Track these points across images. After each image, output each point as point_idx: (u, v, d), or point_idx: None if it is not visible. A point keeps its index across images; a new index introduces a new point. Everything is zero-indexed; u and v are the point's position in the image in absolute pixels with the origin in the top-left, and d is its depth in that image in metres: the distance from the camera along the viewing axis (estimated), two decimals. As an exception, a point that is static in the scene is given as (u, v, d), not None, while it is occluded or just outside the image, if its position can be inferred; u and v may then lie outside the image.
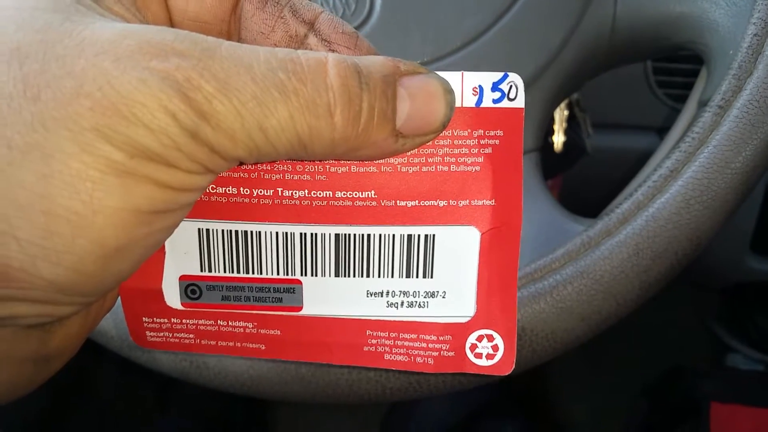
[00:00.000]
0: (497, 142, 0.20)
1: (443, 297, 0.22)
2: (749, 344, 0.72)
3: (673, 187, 0.29)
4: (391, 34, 0.34)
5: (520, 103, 0.20)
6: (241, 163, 0.18)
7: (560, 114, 0.47)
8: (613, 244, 0.29)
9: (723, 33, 0.32)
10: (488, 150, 0.20)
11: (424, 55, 0.34)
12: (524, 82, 0.20)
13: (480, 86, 0.20)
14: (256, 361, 0.29)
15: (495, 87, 0.20)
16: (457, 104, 0.20)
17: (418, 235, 0.21)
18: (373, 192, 0.21)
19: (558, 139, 0.48)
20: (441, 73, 0.19)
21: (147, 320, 0.22)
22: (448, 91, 0.19)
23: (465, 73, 0.19)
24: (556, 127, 0.47)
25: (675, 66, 0.50)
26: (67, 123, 0.15)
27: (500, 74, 0.20)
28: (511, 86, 0.20)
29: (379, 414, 0.79)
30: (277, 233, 0.21)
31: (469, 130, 0.20)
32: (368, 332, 0.22)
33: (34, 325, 0.18)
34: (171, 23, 0.20)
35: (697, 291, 0.84)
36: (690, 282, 0.71)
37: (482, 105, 0.20)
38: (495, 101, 0.20)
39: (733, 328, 0.74)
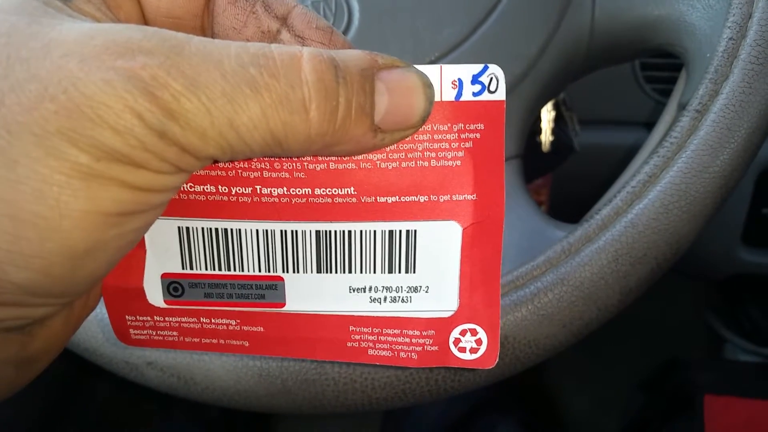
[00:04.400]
0: (478, 135, 0.20)
1: (426, 292, 0.22)
2: (743, 336, 0.72)
3: (652, 193, 0.29)
4: (369, 45, 0.34)
5: (501, 95, 0.19)
6: (216, 161, 0.18)
7: (547, 114, 0.47)
8: (593, 250, 0.29)
9: (700, 36, 0.32)
10: (469, 144, 0.20)
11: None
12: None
13: (459, 79, 0.19)
14: (243, 375, 0.30)
15: (475, 80, 0.19)
16: (437, 98, 0.19)
17: (400, 231, 0.21)
18: (352, 188, 0.20)
19: (546, 139, 0.48)
20: (420, 67, 0.19)
21: (130, 318, 0.22)
22: (427, 85, 0.18)
23: (444, 66, 0.19)
24: (543, 126, 0.47)
25: (662, 61, 0.50)
26: (31, 127, 0.14)
27: (480, 66, 0.19)
28: (491, 78, 0.19)
29: (379, 413, 0.79)
30: (257, 231, 0.21)
31: (449, 125, 0.20)
32: (351, 328, 0.22)
33: (11, 328, 0.18)
34: (144, 20, 0.20)
35: (694, 283, 0.84)
36: (687, 274, 0.71)
37: (462, 98, 0.19)
38: (475, 94, 0.19)
39: (727, 320, 0.75)
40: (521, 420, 0.67)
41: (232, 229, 0.21)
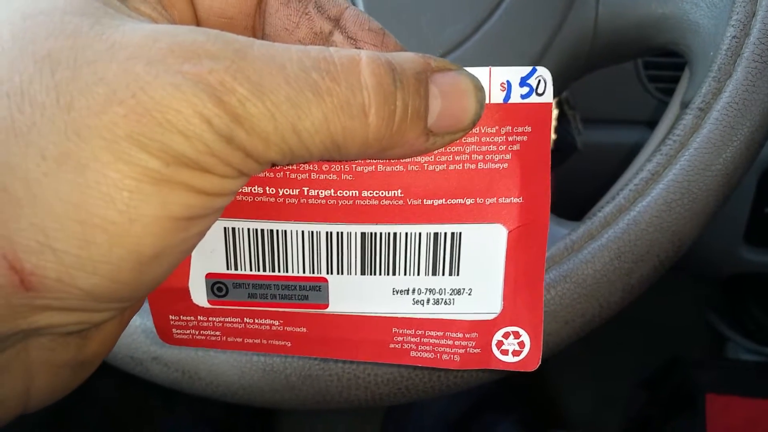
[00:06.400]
0: (525, 138, 0.20)
1: (469, 294, 0.22)
2: (745, 335, 0.72)
3: (655, 190, 0.29)
4: (374, 43, 0.34)
5: (548, 97, 0.19)
6: (274, 165, 0.18)
7: (550, 112, 0.47)
8: (596, 247, 0.29)
9: (703, 34, 0.32)
10: (516, 147, 0.20)
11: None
12: None
13: (508, 81, 0.19)
14: (247, 371, 0.30)
15: (523, 82, 0.19)
16: (486, 101, 0.19)
17: (445, 233, 0.21)
18: (399, 191, 0.20)
19: (548, 137, 0.48)
20: (470, 69, 0.19)
21: (174, 318, 0.22)
22: (479, 89, 0.18)
23: (493, 68, 0.19)
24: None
25: (665, 60, 0.50)
26: (101, 131, 0.14)
27: (528, 69, 0.19)
28: (539, 81, 0.19)
29: (381, 410, 0.79)
30: (303, 232, 0.21)
31: (497, 127, 0.20)
32: (394, 330, 0.22)
33: (71, 333, 0.18)
34: (197, 20, 0.20)
35: (697, 282, 0.84)
36: (689, 273, 0.71)
37: (510, 101, 0.19)
38: (523, 96, 0.19)
39: (729, 319, 0.75)
40: (523, 418, 0.67)
41: (277, 230, 0.21)
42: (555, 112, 0.47)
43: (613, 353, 0.88)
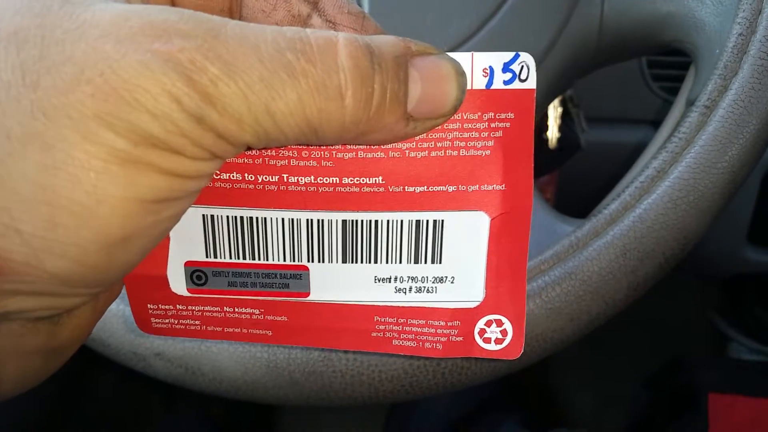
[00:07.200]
0: (508, 125, 0.19)
1: (452, 282, 0.22)
2: (748, 335, 0.72)
3: (660, 188, 0.29)
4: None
5: (531, 83, 0.19)
6: (249, 149, 0.18)
7: (554, 111, 0.47)
8: (601, 245, 0.29)
9: (709, 32, 0.32)
10: (499, 133, 0.20)
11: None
12: None
13: (490, 67, 0.19)
14: (251, 367, 0.30)
15: (506, 68, 0.19)
16: (468, 86, 0.19)
17: (427, 221, 0.21)
18: (380, 178, 0.20)
19: (552, 136, 0.48)
20: (451, 54, 0.18)
21: (152, 307, 0.22)
22: (460, 73, 0.18)
23: (475, 53, 0.19)
24: (549, 123, 0.47)
25: (670, 59, 0.50)
26: (68, 111, 0.14)
27: (511, 54, 0.19)
28: (522, 66, 0.19)
29: (383, 410, 0.79)
30: (283, 219, 0.21)
31: (479, 113, 0.19)
32: (376, 318, 0.22)
33: (42, 318, 0.18)
34: (173, 2, 0.19)
35: (699, 282, 0.84)
36: (692, 273, 0.71)
37: (493, 87, 0.19)
38: (506, 82, 0.19)
39: (732, 319, 0.75)
40: (525, 418, 0.67)
41: (257, 218, 0.21)
42: (559, 110, 0.47)
43: (615, 353, 0.88)
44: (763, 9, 0.29)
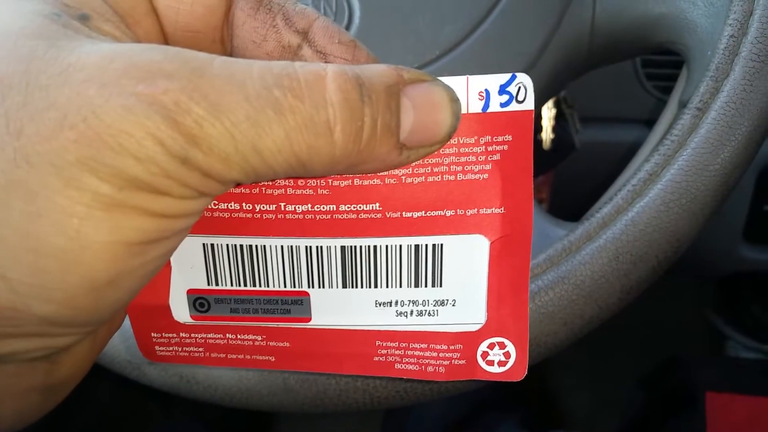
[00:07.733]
0: (506, 147, 0.19)
1: (453, 305, 0.22)
2: (745, 333, 0.72)
3: (653, 191, 0.29)
4: (370, 43, 0.34)
5: (529, 104, 0.19)
6: (239, 184, 0.18)
7: (548, 112, 0.47)
8: (594, 248, 0.29)
9: (701, 33, 0.32)
10: (496, 156, 0.19)
11: (404, 64, 0.34)
12: None
13: (486, 90, 0.19)
14: (245, 374, 0.30)
15: (502, 90, 0.19)
16: (463, 110, 0.19)
17: (426, 245, 0.21)
18: (377, 204, 0.20)
19: (546, 137, 0.48)
20: (445, 79, 0.18)
21: (155, 335, 0.22)
22: (454, 100, 0.18)
23: (470, 77, 0.18)
24: (544, 124, 0.47)
25: (663, 59, 0.50)
26: (51, 157, 0.14)
27: (508, 76, 0.18)
28: (519, 87, 0.19)
29: (379, 416, 0.79)
30: (282, 246, 0.21)
31: (475, 137, 0.19)
32: (378, 342, 0.22)
33: (37, 358, 0.18)
34: (164, 36, 0.19)
35: (696, 281, 0.84)
36: (688, 273, 0.71)
37: (489, 110, 0.19)
38: (503, 105, 0.19)
39: (729, 317, 0.75)
40: (522, 419, 0.67)
41: (256, 245, 0.21)
42: (553, 111, 0.47)
43: (612, 353, 0.88)
44: (754, 10, 0.29)
